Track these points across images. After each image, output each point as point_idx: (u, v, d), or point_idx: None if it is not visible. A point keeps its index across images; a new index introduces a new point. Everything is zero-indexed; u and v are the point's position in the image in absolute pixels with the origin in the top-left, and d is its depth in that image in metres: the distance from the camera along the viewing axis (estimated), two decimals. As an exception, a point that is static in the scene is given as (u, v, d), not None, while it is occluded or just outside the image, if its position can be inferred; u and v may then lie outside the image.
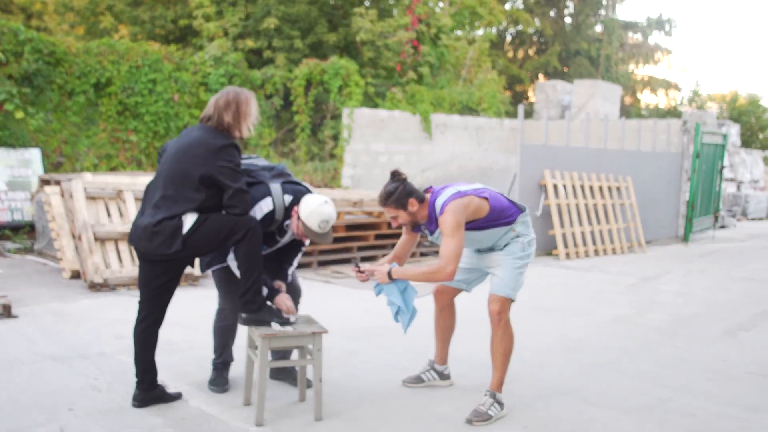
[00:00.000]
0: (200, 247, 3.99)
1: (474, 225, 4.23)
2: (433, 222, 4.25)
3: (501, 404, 4.30)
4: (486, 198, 4.25)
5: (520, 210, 4.37)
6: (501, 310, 4.29)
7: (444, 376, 4.84)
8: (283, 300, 4.19)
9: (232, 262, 4.22)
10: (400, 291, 4.23)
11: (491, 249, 4.42)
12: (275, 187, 4.30)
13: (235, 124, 4.07)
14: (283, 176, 4.47)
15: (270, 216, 4.25)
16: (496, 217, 4.25)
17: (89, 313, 6.55)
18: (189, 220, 3.91)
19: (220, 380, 4.59)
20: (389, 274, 4.11)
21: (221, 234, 3.95)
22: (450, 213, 4.06)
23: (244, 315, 4.09)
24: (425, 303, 7.65)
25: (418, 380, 4.80)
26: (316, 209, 4.17)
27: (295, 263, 4.69)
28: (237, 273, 4.14)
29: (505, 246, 4.35)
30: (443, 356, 4.86)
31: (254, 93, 13.45)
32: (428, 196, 4.29)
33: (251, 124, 4.16)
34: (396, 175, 4.21)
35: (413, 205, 4.18)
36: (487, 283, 4.49)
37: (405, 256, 4.54)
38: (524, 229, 4.37)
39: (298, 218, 4.21)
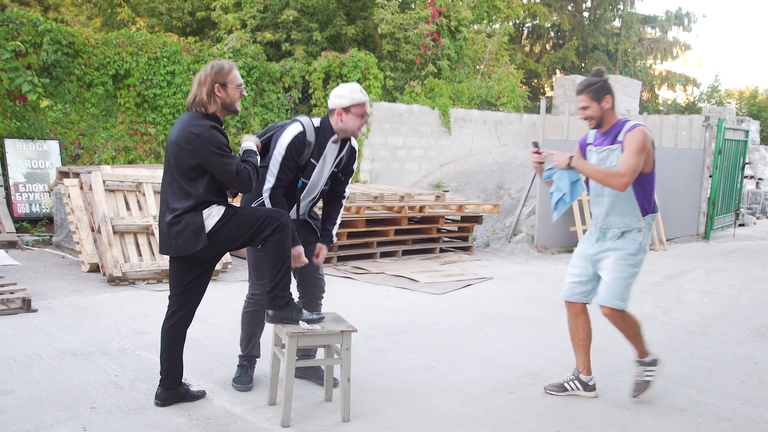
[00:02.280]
0: (228, 242, 3.89)
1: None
2: (610, 136, 4.40)
3: (652, 364, 4.57)
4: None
5: (654, 210, 4.48)
6: (612, 316, 4.42)
7: (589, 387, 4.63)
8: (300, 253, 4.16)
9: None
10: (571, 181, 4.44)
11: (609, 234, 4.44)
12: (302, 117, 4.35)
13: (209, 100, 3.86)
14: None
15: (301, 138, 4.23)
16: (647, 188, 4.40)
17: (108, 307, 6.48)
18: (215, 215, 3.81)
19: (244, 378, 4.50)
20: (569, 160, 4.35)
21: (250, 229, 3.84)
22: (641, 133, 4.25)
23: (270, 312, 3.99)
24: (452, 300, 7.56)
25: (561, 388, 4.63)
26: (346, 88, 4.26)
27: (338, 222, 4.66)
28: None
29: (623, 234, 4.39)
30: (587, 365, 4.65)
31: (273, 84, 13.41)
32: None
33: (232, 96, 3.92)
34: (599, 72, 4.40)
35: (608, 102, 4.34)
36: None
37: None
38: (646, 229, 4.43)
39: (345, 110, 4.24)
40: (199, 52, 12.92)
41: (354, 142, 4.56)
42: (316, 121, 4.33)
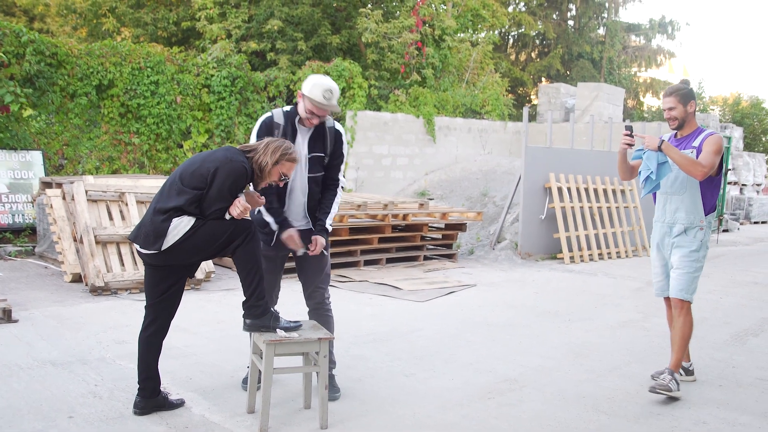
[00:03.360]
0: (196, 252, 3.94)
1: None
2: (690, 139, 4.88)
3: (678, 383, 4.78)
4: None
5: (714, 210, 4.97)
6: (681, 306, 4.89)
7: (689, 372, 5.20)
8: (291, 235, 4.17)
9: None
10: (658, 162, 4.80)
11: (675, 229, 4.93)
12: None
13: (262, 161, 4.01)
14: None
15: (268, 122, 4.39)
16: (712, 189, 4.89)
17: (90, 317, 6.47)
18: (183, 226, 3.84)
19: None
20: (660, 144, 4.70)
21: (218, 240, 3.88)
22: (719, 138, 4.80)
23: (248, 321, 4.01)
24: (412, 307, 7.59)
25: (666, 389, 4.73)
26: (318, 81, 4.32)
27: (332, 212, 4.63)
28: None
29: (686, 231, 4.89)
30: (687, 354, 5.20)
31: (257, 95, 13.44)
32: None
33: (270, 175, 4.05)
34: (686, 81, 5.05)
35: (692, 107, 4.87)
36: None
37: (627, 164, 5.20)
38: (707, 227, 4.92)
39: (303, 96, 4.33)
40: (183, 62, 12.94)
41: (336, 125, 4.58)
42: (288, 107, 4.50)
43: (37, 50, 10.87)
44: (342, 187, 4.70)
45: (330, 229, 4.62)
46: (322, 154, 4.49)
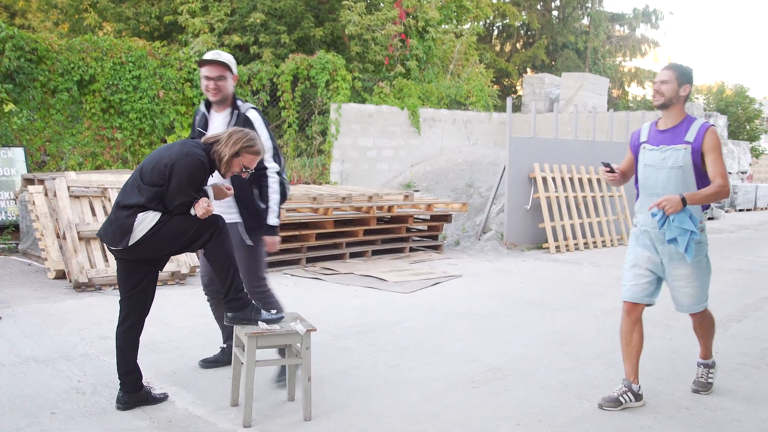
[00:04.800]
0: (162, 247, 3.94)
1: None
2: (675, 134, 4.31)
3: (712, 366, 4.76)
4: None
5: (709, 206, 4.55)
6: (697, 316, 4.60)
7: (638, 396, 4.44)
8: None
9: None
10: (688, 215, 4.15)
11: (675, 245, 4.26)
12: None
13: (223, 150, 4.00)
14: None
15: (197, 111, 4.69)
16: (708, 180, 4.29)
17: (73, 313, 6.44)
18: (149, 221, 3.83)
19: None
20: (683, 200, 4.10)
21: (185, 234, 3.89)
22: (717, 134, 4.26)
23: (229, 314, 4.00)
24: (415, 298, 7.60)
25: (617, 403, 4.33)
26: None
27: (272, 205, 4.46)
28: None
29: (687, 245, 4.20)
30: (636, 373, 4.48)
31: (241, 89, 13.40)
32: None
33: (231, 167, 4.01)
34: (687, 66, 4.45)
35: (686, 90, 4.30)
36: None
37: (630, 172, 4.63)
38: (704, 227, 4.40)
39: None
40: (166, 57, 12.86)
41: (250, 111, 4.52)
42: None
43: (16, 46, 10.78)
44: (279, 173, 4.51)
45: (274, 224, 4.49)
46: None
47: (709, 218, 17.40)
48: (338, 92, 14.33)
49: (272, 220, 4.49)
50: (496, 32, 34.24)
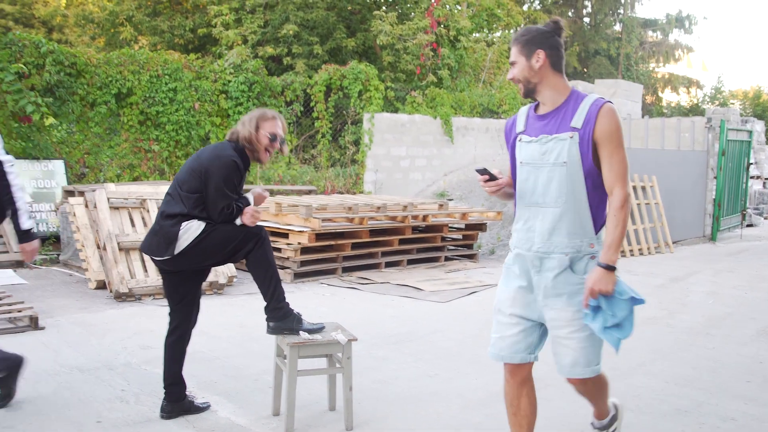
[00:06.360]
0: (206, 257, 4.00)
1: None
2: (564, 116, 3.08)
3: (612, 422, 3.69)
4: None
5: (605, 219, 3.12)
6: (583, 384, 3.28)
7: None
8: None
9: None
10: (623, 299, 3.04)
11: (549, 263, 3.09)
12: None
13: (248, 137, 4.09)
14: None
15: None
16: (599, 197, 3.10)
17: (115, 323, 6.53)
18: (193, 231, 3.88)
19: None
20: (609, 268, 2.96)
21: (228, 245, 3.95)
22: (614, 115, 3.04)
23: (271, 324, 4.03)
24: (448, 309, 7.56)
25: None
26: None
27: (19, 198, 3.99)
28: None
29: (571, 265, 3.07)
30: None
31: (275, 100, 13.51)
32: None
33: (260, 141, 4.06)
34: (556, 23, 3.13)
35: (539, 59, 3.07)
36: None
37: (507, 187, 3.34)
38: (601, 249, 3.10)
39: None
40: (201, 69, 13.02)
41: None
42: None
43: (56, 60, 10.98)
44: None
45: (29, 227, 4.05)
46: None
47: (748, 225, 17.12)
48: (371, 102, 14.38)
49: (26, 223, 4.04)
50: (527, 40, 34.16)
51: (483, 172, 3.17)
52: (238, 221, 3.94)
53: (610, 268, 2.95)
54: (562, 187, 3.04)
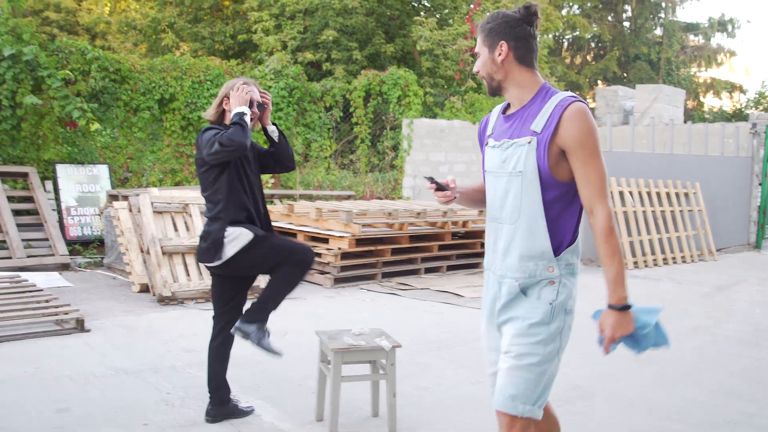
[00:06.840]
0: (251, 268, 4.11)
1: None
2: (528, 116, 2.63)
3: None
4: None
5: (574, 237, 2.67)
6: (510, 425, 2.59)
7: None
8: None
9: None
10: (649, 313, 2.69)
11: (504, 287, 2.67)
12: None
13: (215, 112, 4.17)
14: None
15: None
16: (568, 203, 2.64)
17: (158, 326, 6.61)
18: (241, 240, 3.92)
19: None
20: (626, 308, 2.59)
21: (274, 259, 4.01)
22: (586, 116, 2.53)
23: (242, 322, 4.09)
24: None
25: None
26: None
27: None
28: None
29: (527, 290, 2.63)
30: None
31: (314, 105, 13.58)
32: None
33: (238, 98, 4.03)
34: (528, 9, 2.64)
35: (502, 52, 2.64)
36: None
37: (471, 193, 2.99)
38: (567, 274, 2.66)
39: None
40: (242, 75, 13.14)
41: None
42: None
43: (101, 67, 11.17)
44: None
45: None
46: None
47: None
48: (410, 107, 14.39)
49: None
50: (566, 44, 33.91)
51: (431, 180, 2.78)
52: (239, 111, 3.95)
53: (625, 308, 2.57)
54: (516, 200, 2.62)
